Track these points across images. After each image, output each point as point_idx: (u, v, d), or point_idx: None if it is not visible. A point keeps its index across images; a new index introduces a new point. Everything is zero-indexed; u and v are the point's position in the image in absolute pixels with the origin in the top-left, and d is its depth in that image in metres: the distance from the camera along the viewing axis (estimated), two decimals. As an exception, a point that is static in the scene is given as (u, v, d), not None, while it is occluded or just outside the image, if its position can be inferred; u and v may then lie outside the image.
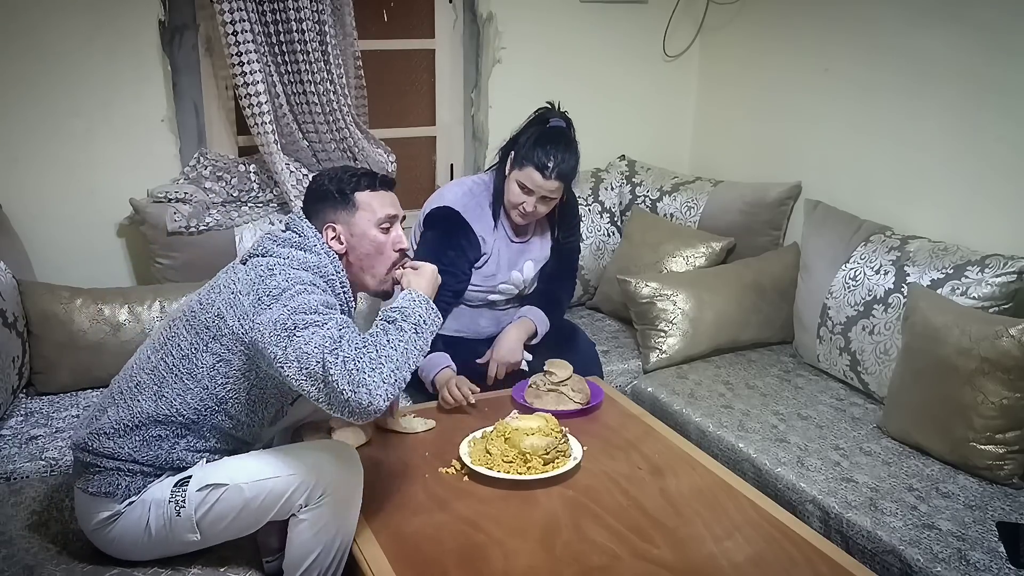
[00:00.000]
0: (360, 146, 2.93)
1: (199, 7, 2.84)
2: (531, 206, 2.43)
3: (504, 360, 2.48)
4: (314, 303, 1.69)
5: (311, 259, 1.81)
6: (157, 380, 1.77)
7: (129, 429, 1.75)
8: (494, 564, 1.76)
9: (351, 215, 1.87)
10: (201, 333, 1.76)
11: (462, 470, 2.06)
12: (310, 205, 1.91)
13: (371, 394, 1.59)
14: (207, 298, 1.79)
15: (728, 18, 3.42)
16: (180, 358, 1.77)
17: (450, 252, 2.47)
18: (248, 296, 1.73)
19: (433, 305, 1.79)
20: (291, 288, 1.71)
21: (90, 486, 1.75)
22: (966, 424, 2.16)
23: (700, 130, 3.65)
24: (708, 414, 2.53)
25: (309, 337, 1.62)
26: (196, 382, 1.76)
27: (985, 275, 2.36)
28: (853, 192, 2.93)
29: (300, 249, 1.83)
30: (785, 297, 2.94)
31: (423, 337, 1.72)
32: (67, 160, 2.76)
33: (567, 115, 2.50)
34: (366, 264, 1.90)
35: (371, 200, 1.89)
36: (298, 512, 1.74)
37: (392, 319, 1.71)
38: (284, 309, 1.67)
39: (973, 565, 1.85)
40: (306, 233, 1.85)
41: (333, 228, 1.87)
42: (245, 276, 1.77)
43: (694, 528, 1.88)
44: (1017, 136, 2.46)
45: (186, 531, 1.75)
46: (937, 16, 2.63)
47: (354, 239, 1.88)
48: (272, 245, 1.83)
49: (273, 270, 1.75)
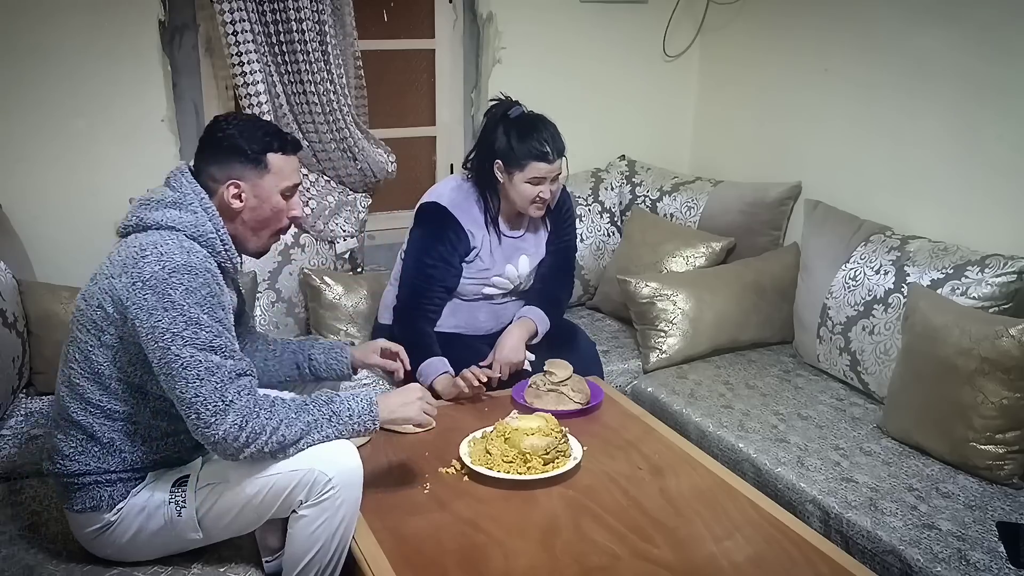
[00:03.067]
0: (360, 146, 2.93)
1: (199, 7, 2.84)
2: (547, 193, 2.44)
3: (507, 360, 2.48)
4: (203, 335, 1.62)
5: (186, 219, 1.72)
6: (73, 389, 1.73)
7: (82, 443, 1.73)
8: (494, 564, 1.76)
9: (260, 176, 1.79)
10: (91, 329, 1.70)
11: (462, 470, 2.06)
12: (211, 156, 1.79)
13: (240, 452, 1.64)
14: (88, 291, 1.73)
15: (728, 18, 3.42)
16: (83, 360, 1.72)
17: (439, 247, 2.48)
18: (120, 279, 1.66)
19: (376, 415, 1.79)
20: (168, 280, 1.63)
21: (75, 504, 1.75)
22: (966, 424, 2.16)
23: (700, 130, 3.65)
24: (708, 414, 2.53)
25: (198, 384, 1.61)
26: (107, 378, 1.71)
27: (985, 275, 2.36)
28: (853, 192, 2.92)
29: (175, 207, 1.74)
30: (785, 297, 2.94)
31: (335, 428, 1.74)
32: (67, 160, 2.76)
33: (516, 99, 2.49)
34: (257, 226, 1.83)
35: (284, 165, 1.81)
36: (298, 508, 1.73)
37: (321, 402, 1.74)
38: (169, 333, 1.61)
39: (973, 565, 1.85)
40: (184, 190, 1.76)
41: (237, 185, 1.77)
42: (116, 258, 1.70)
43: (694, 528, 1.88)
44: (1017, 136, 2.46)
45: (189, 530, 1.75)
46: (937, 16, 2.63)
47: (256, 200, 1.79)
48: (144, 211, 1.74)
49: (145, 250, 1.66)
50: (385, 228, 3.32)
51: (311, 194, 2.93)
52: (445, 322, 2.57)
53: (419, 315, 2.51)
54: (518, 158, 2.40)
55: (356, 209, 3.04)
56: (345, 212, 3.00)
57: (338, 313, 2.83)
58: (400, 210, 3.35)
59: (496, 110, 2.48)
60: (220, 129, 1.80)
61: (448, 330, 2.56)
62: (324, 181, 2.99)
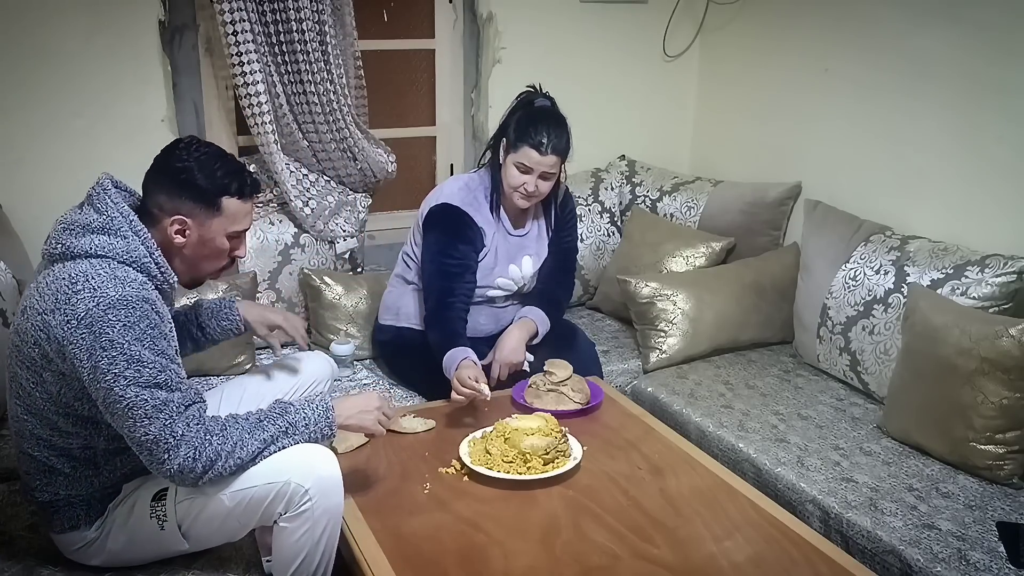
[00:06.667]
0: (360, 146, 2.93)
1: (199, 7, 2.84)
2: (532, 185, 2.42)
3: (507, 361, 2.48)
4: (146, 372, 1.56)
5: (116, 245, 1.64)
6: (22, 426, 1.70)
7: (46, 473, 1.71)
8: (494, 564, 1.76)
9: (209, 217, 1.71)
10: (31, 366, 1.64)
11: (462, 470, 2.06)
12: (164, 183, 1.69)
13: (198, 481, 1.62)
14: (21, 326, 1.64)
15: (728, 18, 3.42)
16: (26, 397, 1.67)
17: (461, 246, 2.46)
18: (54, 316, 1.57)
19: (332, 420, 1.75)
20: (104, 317, 1.55)
21: (54, 527, 1.74)
22: (966, 424, 2.16)
23: (700, 130, 3.65)
24: (708, 414, 2.53)
25: (147, 424, 1.56)
26: (55, 414, 1.66)
27: (985, 275, 2.36)
28: (853, 192, 2.92)
29: (102, 233, 1.64)
30: (785, 297, 2.94)
31: (292, 439, 1.70)
32: (68, 160, 2.76)
33: (550, 95, 2.50)
34: (194, 262, 1.77)
35: (237, 210, 1.74)
36: (279, 519, 1.71)
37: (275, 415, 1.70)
38: (111, 374, 1.54)
39: (973, 565, 1.85)
40: (110, 212, 1.65)
41: (183, 223, 1.70)
42: (47, 290, 1.60)
43: (694, 528, 1.88)
44: (1017, 136, 2.46)
45: (175, 542, 1.74)
46: (937, 16, 2.63)
47: (198, 240, 1.73)
48: (69, 237, 1.63)
49: (76, 283, 1.57)
50: (385, 228, 3.32)
51: (311, 194, 2.93)
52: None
53: (452, 316, 2.43)
54: (515, 139, 2.40)
55: (356, 209, 3.04)
56: (345, 212, 3.00)
57: (338, 313, 2.83)
58: (400, 210, 3.35)
59: (525, 96, 2.50)
60: (179, 159, 1.70)
61: (449, 333, 2.56)
62: (324, 181, 2.99)
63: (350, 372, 2.70)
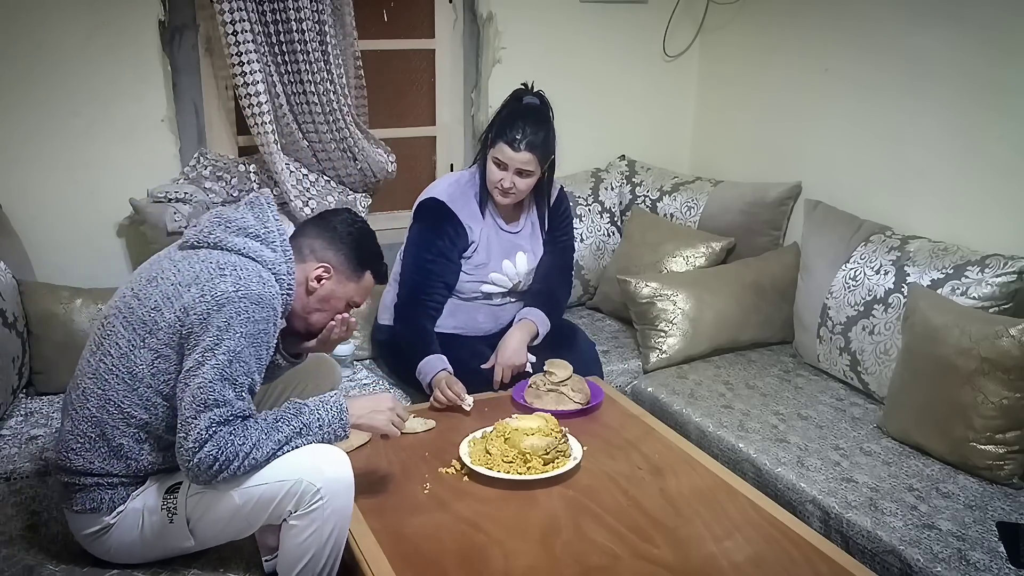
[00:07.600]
0: (360, 146, 2.93)
1: (199, 7, 2.84)
2: (508, 182, 2.43)
3: (510, 363, 2.48)
4: (236, 367, 1.65)
5: (267, 254, 1.76)
6: (100, 384, 1.72)
7: (92, 440, 1.73)
8: (494, 564, 1.76)
9: (349, 279, 1.89)
10: (138, 328, 1.70)
11: (462, 470, 2.06)
12: (326, 234, 1.87)
13: (213, 479, 1.65)
14: (144, 291, 1.72)
15: (728, 18, 3.42)
16: (119, 357, 1.71)
17: (438, 242, 2.49)
18: (191, 289, 1.68)
19: (346, 421, 1.78)
20: (237, 304, 1.66)
21: (74, 504, 1.75)
22: (966, 424, 2.16)
23: (700, 130, 3.65)
24: (708, 414, 2.53)
25: (200, 410, 1.62)
26: (139, 381, 1.70)
27: (985, 275, 2.36)
28: (853, 192, 2.92)
29: (257, 239, 1.77)
30: (785, 297, 2.94)
31: (306, 440, 1.72)
32: (67, 160, 2.76)
33: (541, 93, 2.51)
34: (307, 312, 1.89)
35: (368, 287, 1.93)
36: (288, 518, 1.72)
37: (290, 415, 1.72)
38: (210, 351, 1.64)
39: (973, 565, 1.85)
40: (268, 224, 1.79)
41: (328, 271, 1.86)
42: (189, 268, 1.71)
43: (694, 528, 1.88)
44: (1017, 136, 2.46)
45: (181, 538, 1.75)
46: (937, 16, 2.63)
47: (329, 293, 1.88)
48: (224, 232, 1.76)
49: (223, 269, 1.69)
50: (385, 228, 3.30)
51: (311, 194, 2.93)
52: (444, 323, 2.57)
53: (420, 312, 2.51)
54: (495, 135, 2.43)
55: (356, 209, 3.04)
56: (345, 212, 3.00)
57: (338, 313, 2.82)
58: (400, 210, 3.35)
59: (517, 92, 2.52)
60: (347, 222, 1.90)
61: (447, 331, 2.56)
62: (324, 181, 2.99)
63: (350, 372, 2.70)
